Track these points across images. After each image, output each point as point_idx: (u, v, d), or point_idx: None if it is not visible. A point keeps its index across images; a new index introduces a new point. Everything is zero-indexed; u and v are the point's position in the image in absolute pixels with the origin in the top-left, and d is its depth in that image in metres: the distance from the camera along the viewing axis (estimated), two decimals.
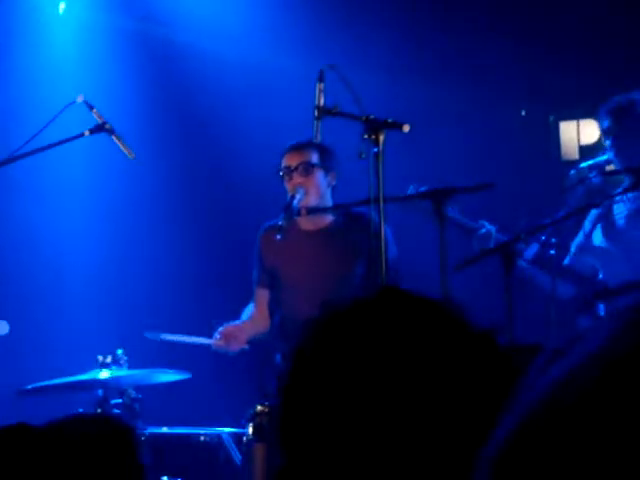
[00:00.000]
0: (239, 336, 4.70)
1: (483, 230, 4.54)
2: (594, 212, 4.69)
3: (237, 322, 4.80)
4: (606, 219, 4.69)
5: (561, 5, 5.99)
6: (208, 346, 4.74)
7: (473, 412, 1.10)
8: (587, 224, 4.72)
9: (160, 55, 6.31)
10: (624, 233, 4.63)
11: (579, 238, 4.74)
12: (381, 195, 3.97)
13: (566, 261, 4.70)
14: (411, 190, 4.39)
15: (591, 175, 4.63)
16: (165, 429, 4.76)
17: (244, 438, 4.32)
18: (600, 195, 4.88)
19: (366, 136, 3.99)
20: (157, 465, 4.46)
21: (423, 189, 4.29)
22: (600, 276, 4.65)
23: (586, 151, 6.20)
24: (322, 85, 4.16)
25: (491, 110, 6.19)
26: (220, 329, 4.70)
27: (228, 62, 6.20)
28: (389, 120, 4.01)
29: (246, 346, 4.73)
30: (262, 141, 5.64)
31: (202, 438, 4.74)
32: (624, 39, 5.92)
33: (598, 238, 4.69)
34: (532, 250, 4.51)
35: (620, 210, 4.67)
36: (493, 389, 1.11)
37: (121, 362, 4.59)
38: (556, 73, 6.08)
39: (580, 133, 6.35)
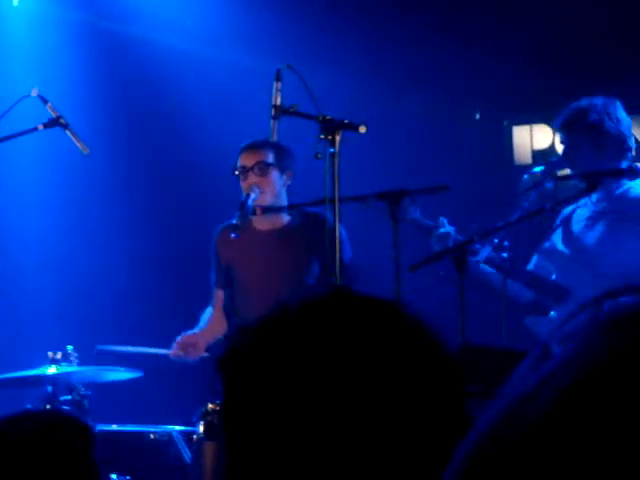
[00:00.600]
0: (197, 344, 4.69)
1: (442, 230, 4.57)
2: (560, 215, 4.76)
3: (195, 330, 4.78)
4: (566, 223, 4.75)
5: (516, 10, 6.04)
6: (165, 356, 4.72)
7: (416, 415, 1.10)
8: (555, 227, 4.79)
9: (116, 49, 6.27)
10: (579, 237, 4.69)
11: (544, 242, 4.81)
12: (336, 195, 3.98)
13: (530, 266, 4.76)
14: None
15: (544, 180, 4.68)
16: (115, 427, 4.73)
17: (194, 436, 4.31)
18: (553, 200, 4.94)
19: (322, 136, 4.00)
20: (106, 463, 4.43)
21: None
22: (553, 277, 4.70)
23: (539, 156, 6.28)
24: (279, 84, 4.16)
25: (446, 113, 6.24)
26: (178, 339, 4.69)
27: (185, 58, 6.18)
28: (345, 121, 4.02)
29: (205, 354, 4.72)
30: (219, 140, 5.63)
31: (152, 436, 4.72)
32: (578, 45, 5.99)
33: (558, 242, 4.76)
34: (485, 252, 4.55)
35: (579, 214, 4.73)
36: (439, 396, 1.11)
37: (71, 359, 4.56)
38: (510, 78, 6.14)
39: (533, 138, 6.41)
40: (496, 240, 4.51)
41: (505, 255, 4.49)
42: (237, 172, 4.69)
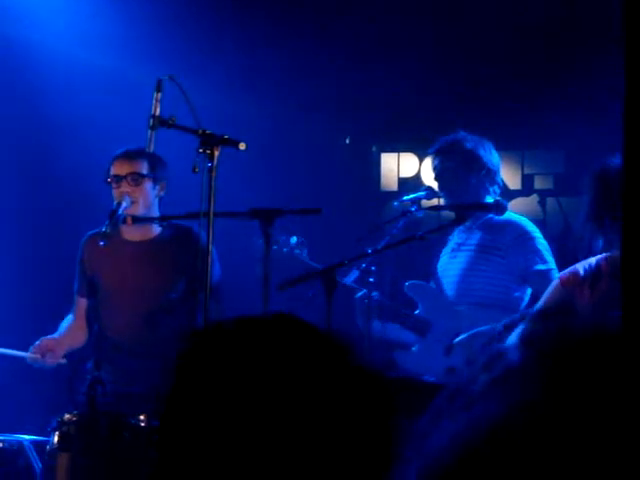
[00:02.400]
0: (55, 350, 4.59)
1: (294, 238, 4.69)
2: (432, 248, 4.89)
3: (54, 335, 4.68)
4: (437, 255, 4.88)
5: (388, 41, 6.16)
6: (22, 359, 4.60)
7: (349, 443, 1.13)
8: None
9: None
10: (445, 267, 4.81)
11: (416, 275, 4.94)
12: (211, 210, 3.97)
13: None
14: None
15: (413, 208, 4.78)
16: None
17: (48, 447, 4.21)
18: (421, 228, 5.06)
19: (201, 150, 3.98)
20: None
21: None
22: (417, 311, 4.81)
23: (404, 183, 6.41)
24: (159, 95, 4.12)
25: (319, 135, 6.30)
26: (36, 343, 4.58)
27: (65, 63, 6.05)
28: (225, 136, 4.02)
29: (63, 360, 4.63)
30: (95, 146, 5.52)
31: (1, 445, 4.57)
32: (448, 78, 6.15)
33: (428, 275, 4.88)
34: (352, 276, 4.63)
35: (448, 246, 4.86)
36: (371, 423, 1.14)
37: None
38: (381, 105, 6.25)
39: (400, 165, 6.55)
40: (364, 265, 4.59)
41: (371, 280, 4.57)
42: (109, 180, 4.62)
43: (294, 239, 4.89)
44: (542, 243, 4.68)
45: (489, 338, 4.48)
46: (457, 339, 4.59)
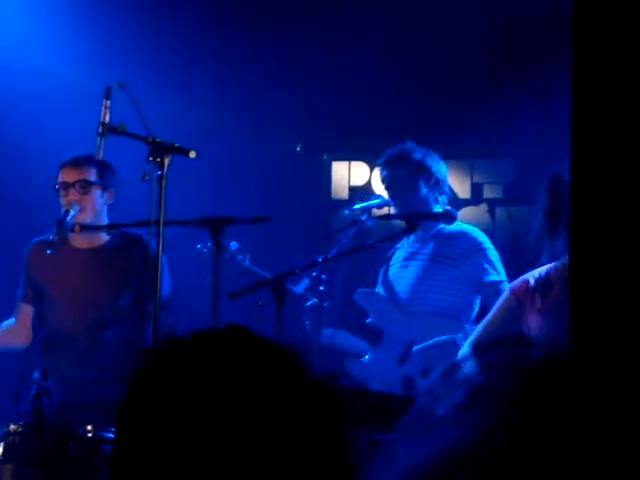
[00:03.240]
0: None
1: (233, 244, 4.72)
2: (384, 257, 4.90)
3: None
4: (387, 264, 4.89)
5: (342, 48, 6.18)
6: None
7: (302, 454, 1.12)
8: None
9: None
10: (394, 278, 4.83)
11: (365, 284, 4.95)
12: (161, 219, 3.94)
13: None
14: None
15: (363, 217, 4.80)
16: None
17: None
18: (371, 237, 5.07)
19: (151, 158, 3.96)
20: None
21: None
22: (368, 319, 4.82)
23: (355, 192, 6.42)
24: (108, 102, 4.09)
25: (270, 143, 6.30)
26: None
27: (13, 67, 5.97)
28: (175, 145, 4.00)
29: None
30: (43, 153, 5.46)
31: None
32: (398, 87, 6.18)
33: (378, 284, 4.89)
34: (303, 285, 4.63)
35: (397, 255, 4.87)
36: (323, 433, 1.14)
37: None
38: (333, 113, 6.26)
39: (351, 174, 6.56)
40: (314, 273, 4.59)
41: (322, 288, 4.57)
42: (57, 187, 4.57)
43: (234, 245, 4.87)
44: (494, 254, 4.72)
45: (446, 349, 4.52)
46: (415, 347, 4.59)
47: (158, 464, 1.11)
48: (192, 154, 3.99)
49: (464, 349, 4.27)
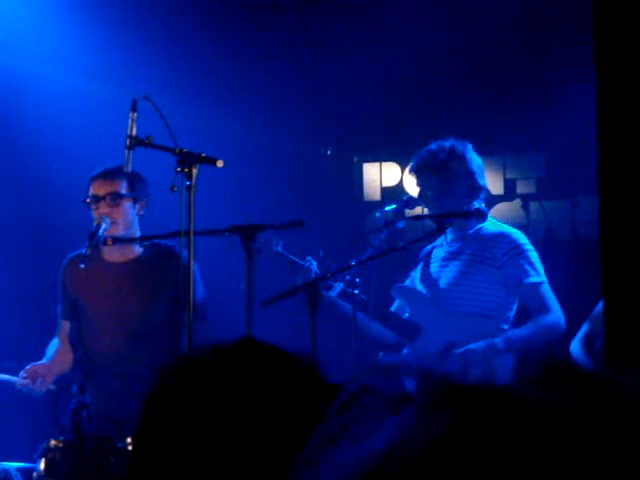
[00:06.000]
0: (45, 375, 4.54)
1: (307, 264, 4.64)
2: (420, 254, 4.87)
3: (44, 361, 4.63)
4: (424, 262, 4.86)
5: (368, 49, 6.16)
6: (11, 384, 4.55)
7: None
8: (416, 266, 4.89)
9: None
10: (433, 276, 4.80)
11: (404, 280, 4.91)
12: (191, 229, 3.94)
13: (394, 305, 4.85)
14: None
15: (394, 219, 4.76)
16: None
17: (34, 474, 4.16)
18: (404, 238, 5.05)
19: (179, 169, 3.96)
20: None
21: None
22: (406, 315, 4.80)
23: (387, 193, 6.40)
24: (135, 115, 4.09)
25: (300, 147, 6.29)
26: (27, 367, 4.53)
27: (41, 83, 6.02)
28: (203, 154, 3.99)
29: (52, 386, 4.58)
30: (74, 167, 5.49)
31: None
32: (427, 85, 6.15)
33: (416, 280, 4.86)
34: (337, 289, 4.61)
35: (436, 254, 4.84)
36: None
37: None
38: (362, 116, 6.24)
39: (382, 175, 6.54)
40: (348, 277, 4.57)
41: (356, 292, 4.55)
42: (88, 200, 4.59)
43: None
44: (534, 255, 4.69)
45: (485, 354, 4.49)
46: (457, 350, 4.56)
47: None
48: (219, 163, 3.99)
49: (574, 343, 4.25)
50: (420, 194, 4.78)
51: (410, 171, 4.83)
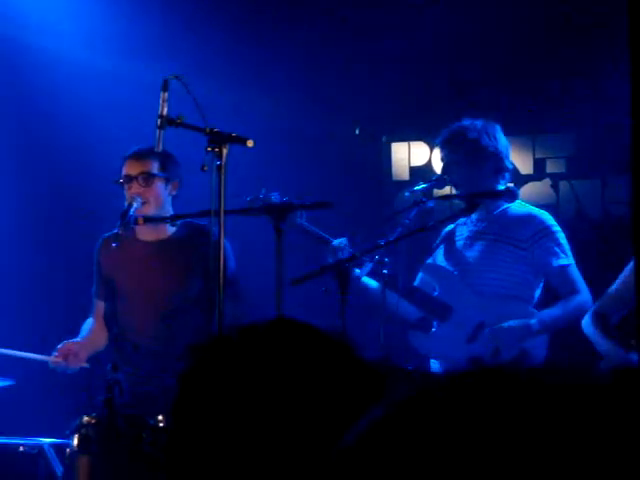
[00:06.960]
0: (79, 354, 4.58)
1: (337, 241, 4.63)
2: (442, 232, 4.86)
3: (77, 339, 4.68)
4: (448, 241, 4.86)
5: (393, 30, 6.14)
6: (45, 363, 4.60)
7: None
8: (437, 244, 4.88)
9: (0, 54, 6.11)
10: (461, 254, 4.80)
11: (427, 259, 4.90)
12: (222, 208, 3.97)
13: (415, 282, 4.85)
14: (262, 193, 4.45)
15: (424, 198, 4.76)
16: None
17: (68, 450, 4.21)
18: (433, 217, 5.04)
19: (209, 149, 3.98)
20: None
21: (274, 195, 4.37)
22: (435, 293, 4.80)
23: (416, 172, 6.39)
24: (166, 95, 4.12)
25: (327, 127, 6.29)
26: (59, 346, 4.57)
27: (72, 64, 6.05)
28: (233, 134, 4.01)
29: (86, 364, 4.62)
30: (105, 147, 5.53)
31: (21, 448, 4.58)
32: (456, 64, 6.13)
33: (441, 259, 4.85)
34: (366, 269, 4.61)
35: (460, 233, 4.84)
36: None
37: None
38: (390, 95, 6.23)
39: (411, 155, 6.53)
40: (377, 256, 4.58)
41: (385, 271, 4.55)
42: (121, 180, 4.63)
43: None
44: (562, 237, 4.67)
45: (518, 334, 4.49)
46: (488, 329, 4.56)
47: (208, 458, 1.12)
48: (250, 143, 4.01)
49: (585, 319, 4.26)
50: (444, 169, 4.77)
51: (439, 142, 4.82)
